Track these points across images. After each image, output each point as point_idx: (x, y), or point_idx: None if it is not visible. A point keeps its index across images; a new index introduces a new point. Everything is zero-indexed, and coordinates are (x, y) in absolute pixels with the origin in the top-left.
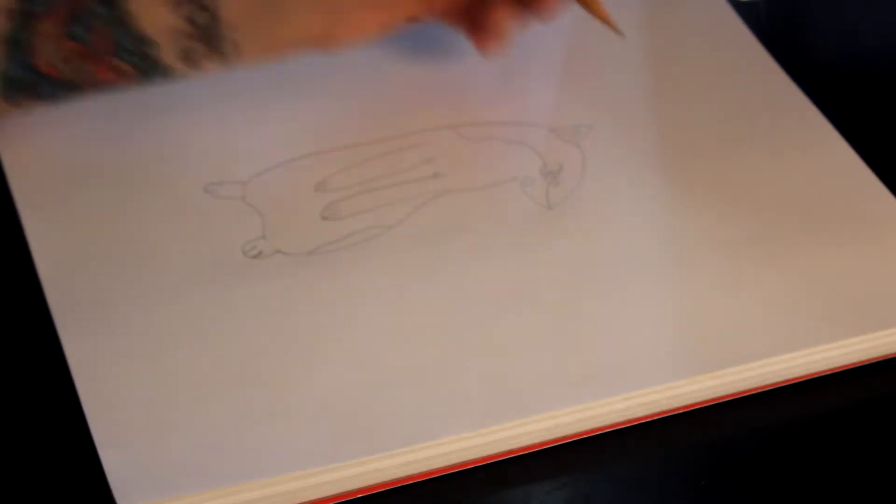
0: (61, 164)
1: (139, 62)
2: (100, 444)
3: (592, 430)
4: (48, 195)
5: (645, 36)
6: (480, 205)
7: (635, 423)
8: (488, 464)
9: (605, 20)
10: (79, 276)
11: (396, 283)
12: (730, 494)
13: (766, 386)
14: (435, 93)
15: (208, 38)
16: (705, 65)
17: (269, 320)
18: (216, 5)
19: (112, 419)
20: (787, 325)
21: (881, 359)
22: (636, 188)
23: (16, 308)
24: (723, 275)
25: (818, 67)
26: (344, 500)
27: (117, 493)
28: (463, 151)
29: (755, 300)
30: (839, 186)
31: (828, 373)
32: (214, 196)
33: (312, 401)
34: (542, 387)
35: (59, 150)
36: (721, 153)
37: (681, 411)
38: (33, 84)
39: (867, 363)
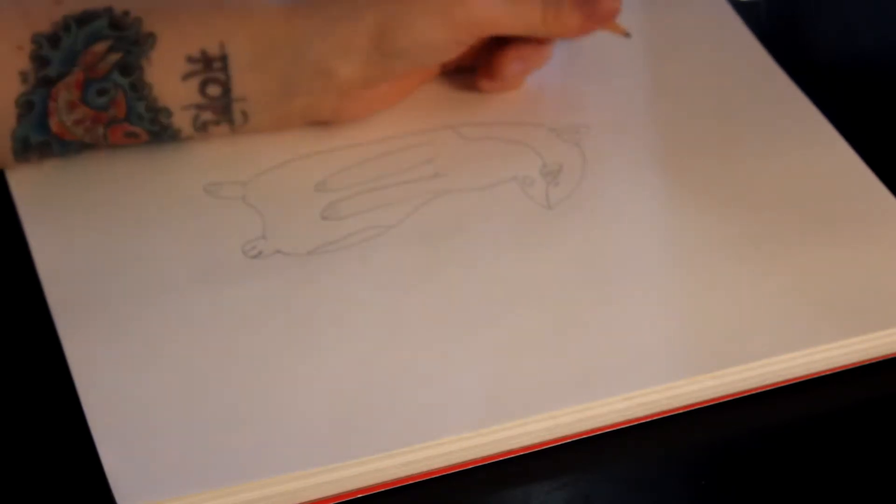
0: (61, 164)
1: (151, 128)
2: (100, 444)
3: (592, 430)
4: (48, 195)
5: (645, 36)
6: (480, 205)
7: (635, 423)
8: (488, 464)
9: (614, 29)
10: (79, 276)
11: (396, 283)
12: (730, 494)
13: (766, 386)
14: (435, 93)
15: (220, 109)
16: (705, 65)
17: (269, 320)
18: (229, 79)
19: (112, 419)
20: (787, 325)
21: (881, 359)
22: (636, 188)
23: (16, 308)
24: (723, 275)
25: (818, 67)
26: (344, 500)
27: (117, 493)
28: (463, 151)
29: (755, 300)
30: (839, 186)
31: (828, 373)
32: (214, 196)
33: (312, 400)
34: (542, 387)
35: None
36: (721, 153)
37: (681, 411)
38: (45, 144)
39: (867, 363)
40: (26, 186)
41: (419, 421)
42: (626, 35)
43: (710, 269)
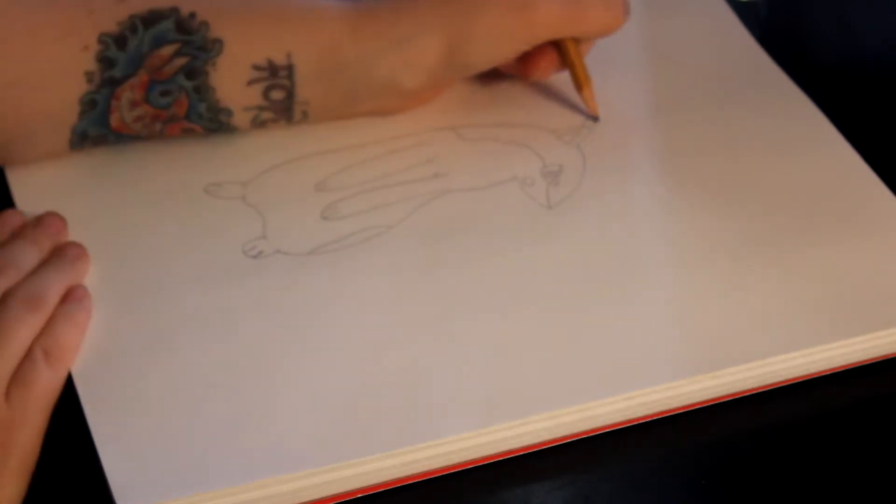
0: (62, 164)
1: (209, 125)
2: (100, 445)
3: (592, 430)
4: (48, 196)
5: (645, 36)
6: (480, 205)
7: (635, 423)
8: (488, 464)
9: (590, 103)
10: None
11: (396, 283)
12: (730, 494)
13: (766, 386)
14: None
15: (281, 110)
16: (704, 65)
17: (270, 320)
18: (293, 86)
19: (112, 419)
20: (787, 325)
21: (881, 359)
22: (636, 188)
23: None
24: (723, 275)
25: (818, 67)
26: (344, 500)
27: (117, 493)
28: (463, 152)
29: (755, 300)
30: (839, 186)
31: (828, 373)
32: (215, 196)
33: (313, 401)
34: (543, 387)
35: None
36: (721, 153)
37: (681, 411)
38: (102, 136)
39: (867, 363)
40: (26, 186)
41: (419, 421)
42: (594, 119)
43: (710, 269)
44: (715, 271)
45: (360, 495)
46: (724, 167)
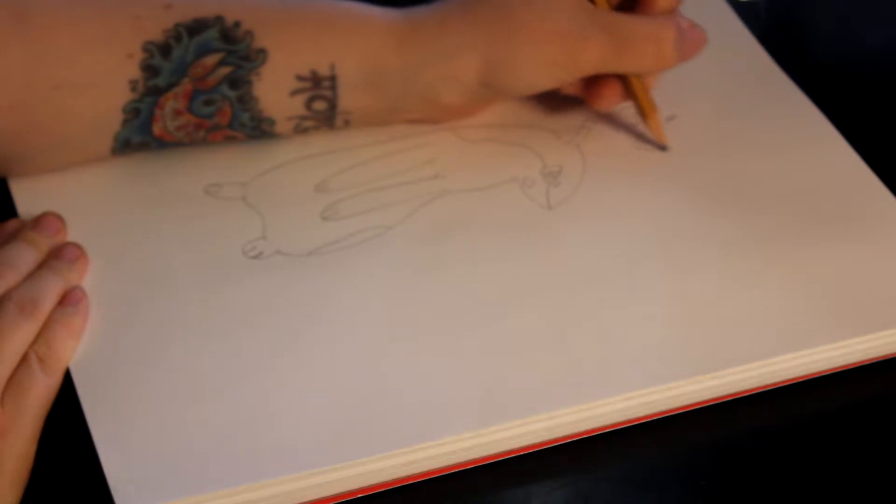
0: (62, 168)
1: (252, 133)
2: (100, 446)
3: (592, 430)
4: (48, 198)
5: None
6: (480, 205)
7: (635, 423)
8: (488, 464)
9: (657, 132)
10: None
11: (396, 283)
12: (730, 494)
13: (766, 386)
14: None
15: (323, 119)
16: (704, 64)
17: (270, 320)
18: (336, 97)
19: (112, 420)
20: (788, 325)
21: (881, 359)
22: (636, 188)
23: None
24: (723, 275)
25: (818, 67)
26: (344, 500)
27: (117, 494)
28: (463, 152)
29: (755, 300)
30: (839, 186)
31: (828, 373)
32: (215, 197)
33: (313, 401)
34: (542, 387)
35: None
36: (721, 153)
37: (681, 411)
38: (145, 144)
39: (867, 363)
40: (27, 190)
41: (419, 421)
42: (664, 148)
43: (710, 270)
44: (715, 271)
45: (360, 495)
46: (724, 167)
